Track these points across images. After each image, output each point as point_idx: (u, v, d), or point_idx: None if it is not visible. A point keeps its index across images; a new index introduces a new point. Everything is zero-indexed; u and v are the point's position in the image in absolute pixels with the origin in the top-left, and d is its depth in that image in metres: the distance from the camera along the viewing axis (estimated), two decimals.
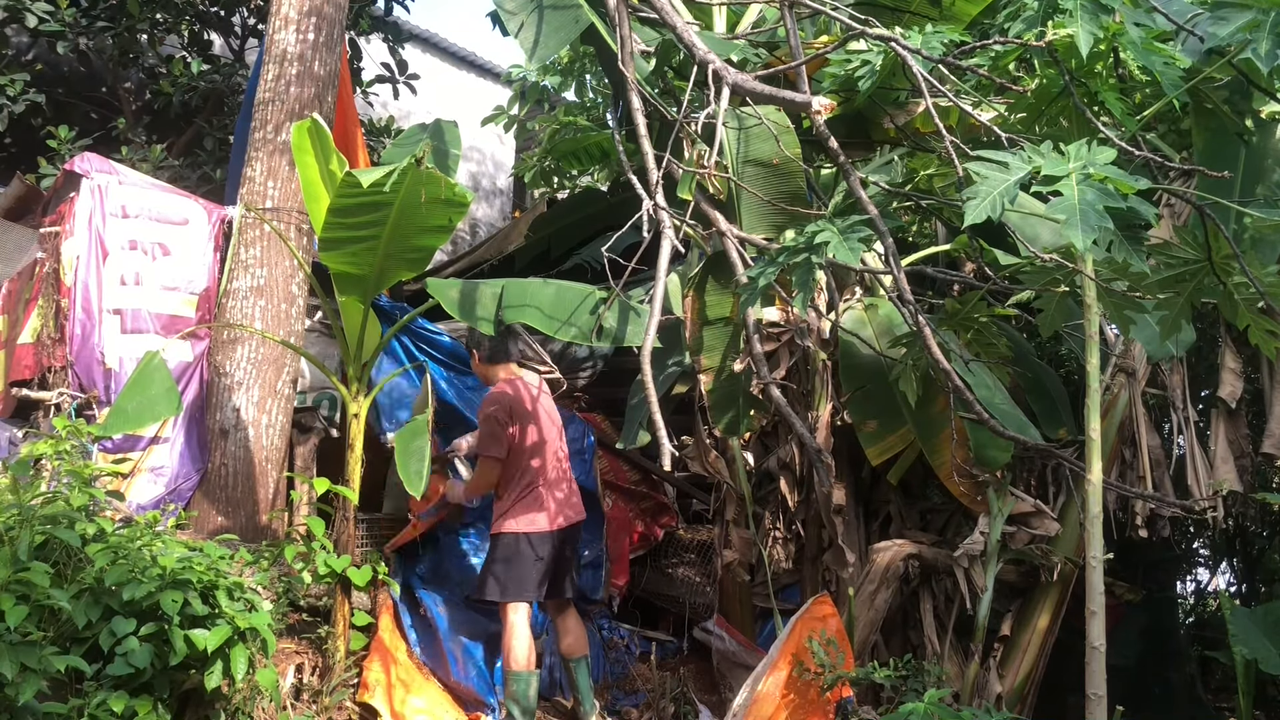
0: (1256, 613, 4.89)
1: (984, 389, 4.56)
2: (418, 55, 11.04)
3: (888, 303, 4.78)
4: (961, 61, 3.57)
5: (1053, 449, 4.28)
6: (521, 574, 4.32)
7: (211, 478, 4.74)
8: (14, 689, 2.83)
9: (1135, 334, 4.65)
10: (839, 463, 4.89)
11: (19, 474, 3.50)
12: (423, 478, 3.73)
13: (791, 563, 5.04)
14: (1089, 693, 3.60)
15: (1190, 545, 7.16)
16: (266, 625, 3.40)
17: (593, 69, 8.86)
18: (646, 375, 3.26)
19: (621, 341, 4.38)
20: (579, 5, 4.34)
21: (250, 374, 4.80)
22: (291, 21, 5.01)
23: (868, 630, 4.68)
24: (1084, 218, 2.65)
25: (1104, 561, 3.72)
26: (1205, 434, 5.33)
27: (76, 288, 4.71)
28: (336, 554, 4.13)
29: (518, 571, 4.32)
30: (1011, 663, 4.83)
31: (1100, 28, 3.02)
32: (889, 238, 3.40)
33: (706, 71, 3.73)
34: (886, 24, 3.97)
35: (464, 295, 4.41)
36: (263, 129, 4.97)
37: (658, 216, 3.58)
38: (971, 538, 4.59)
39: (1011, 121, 3.71)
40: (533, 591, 4.33)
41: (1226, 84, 3.56)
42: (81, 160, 4.89)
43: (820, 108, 3.45)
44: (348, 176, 3.53)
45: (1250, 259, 3.23)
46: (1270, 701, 5.74)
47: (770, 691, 3.97)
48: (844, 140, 4.15)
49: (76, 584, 3.25)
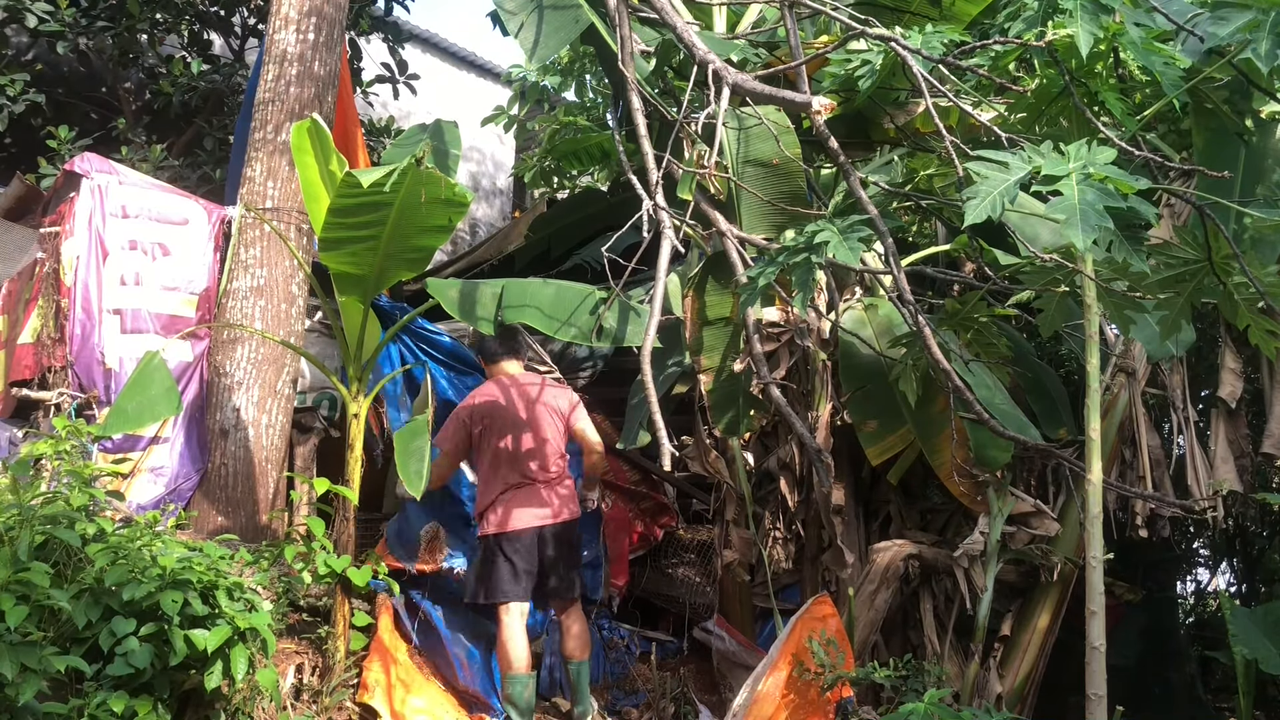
0: (1256, 613, 4.89)
1: (984, 389, 4.55)
2: (418, 55, 11.04)
3: (888, 303, 4.77)
4: (961, 61, 3.57)
5: (1053, 449, 4.28)
6: (494, 575, 4.33)
7: (211, 478, 4.74)
8: (14, 689, 2.83)
9: (1135, 334, 4.64)
10: (839, 463, 4.89)
11: (19, 474, 3.50)
12: (422, 478, 3.73)
13: (791, 563, 5.03)
14: (1089, 693, 3.60)
15: (1190, 545, 7.15)
16: (266, 625, 3.40)
17: (593, 69, 8.87)
18: (646, 375, 3.27)
19: (621, 341, 4.39)
20: (579, 5, 4.34)
21: (250, 374, 4.80)
22: (291, 21, 5.01)
23: (868, 630, 4.67)
24: (1084, 218, 2.65)
25: (1104, 561, 3.71)
26: (1205, 434, 5.33)
27: (76, 288, 4.71)
28: (336, 554, 4.13)
29: (490, 573, 4.34)
30: (1011, 663, 4.83)
31: (1100, 28, 3.02)
32: (889, 238, 3.40)
33: (706, 71, 3.73)
34: (886, 24, 3.97)
35: (464, 295, 4.42)
36: (263, 129, 4.97)
37: (658, 216, 3.58)
38: (971, 538, 4.59)
39: (1011, 121, 3.71)
40: (508, 593, 4.32)
41: (1226, 84, 3.56)
42: (81, 160, 4.89)
43: (820, 108, 3.46)
44: (348, 176, 3.53)
45: (1250, 259, 3.24)
46: (1270, 701, 5.74)
47: (770, 691, 3.97)
48: (844, 140, 4.14)
49: (76, 584, 3.25)
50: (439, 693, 4.38)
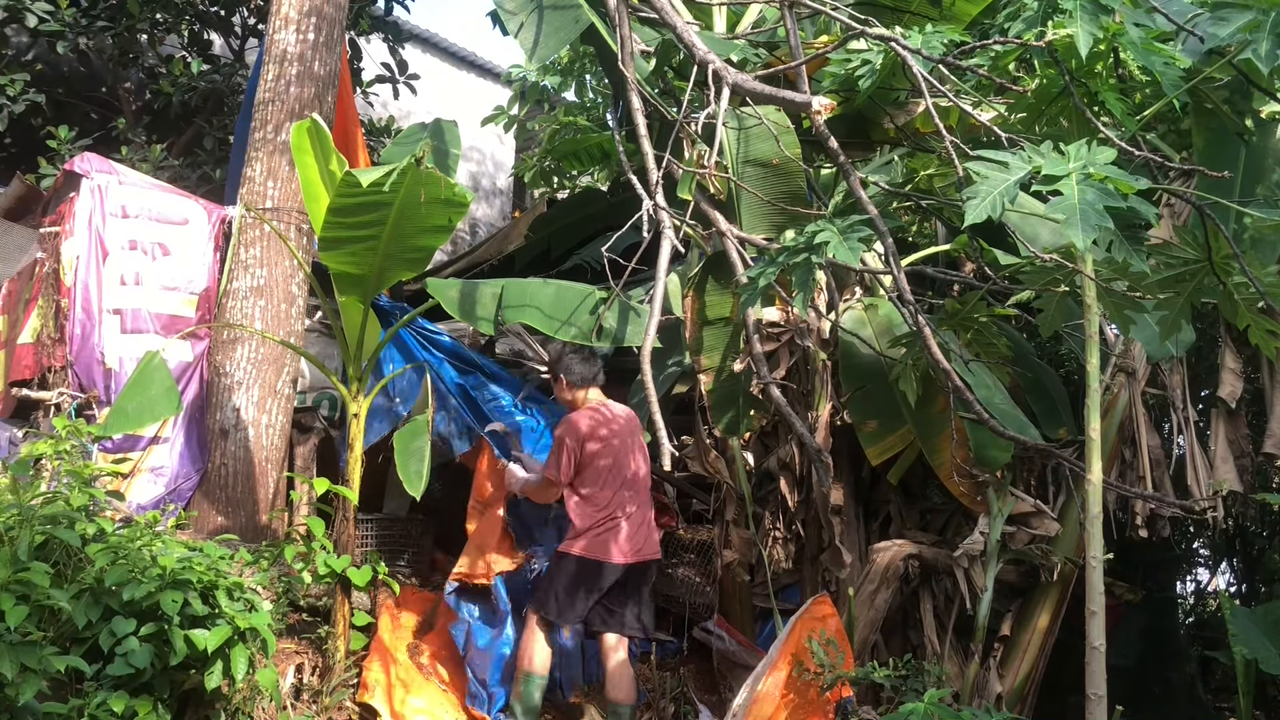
0: (1256, 613, 4.89)
1: (984, 389, 4.55)
2: (418, 55, 11.05)
3: (888, 303, 4.77)
4: (961, 61, 3.57)
5: (1053, 449, 4.28)
6: (565, 595, 4.26)
7: (211, 478, 4.74)
8: (14, 689, 2.83)
9: (1135, 334, 4.64)
10: (839, 463, 4.89)
11: (19, 474, 3.50)
12: (422, 478, 3.73)
13: (791, 563, 5.03)
14: (1089, 693, 3.60)
15: (1190, 545, 7.16)
16: (266, 625, 3.40)
17: (593, 69, 8.87)
18: (646, 375, 3.27)
19: (621, 341, 4.39)
20: (579, 5, 4.34)
21: (250, 374, 4.80)
22: (291, 21, 5.01)
23: (868, 630, 4.67)
24: (1084, 217, 2.65)
25: (1104, 561, 3.71)
26: (1205, 434, 5.33)
27: (76, 288, 4.71)
28: (336, 554, 4.13)
29: (562, 591, 4.27)
30: (1011, 663, 4.83)
31: (1100, 28, 3.02)
32: (889, 238, 3.40)
33: (706, 71, 3.74)
34: (886, 24, 3.97)
35: (464, 295, 4.42)
36: (263, 129, 4.97)
37: (658, 216, 3.58)
38: (971, 538, 4.59)
39: (1011, 121, 3.71)
40: (569, 616, 4.28)
41: (1226, 84, 3.56)
42: (81, 160, 4.89)
43: (820, 108, 3.46)
44: (347, 176, 3.53)
45: (1250, 259, 3.23)
46: (1270, 701, 5.74)
47: (770, 691, 3.97)
48: (844, 140, 4.15)
49: (76, 584, 3.25)
50: (438, 692, 4.38)
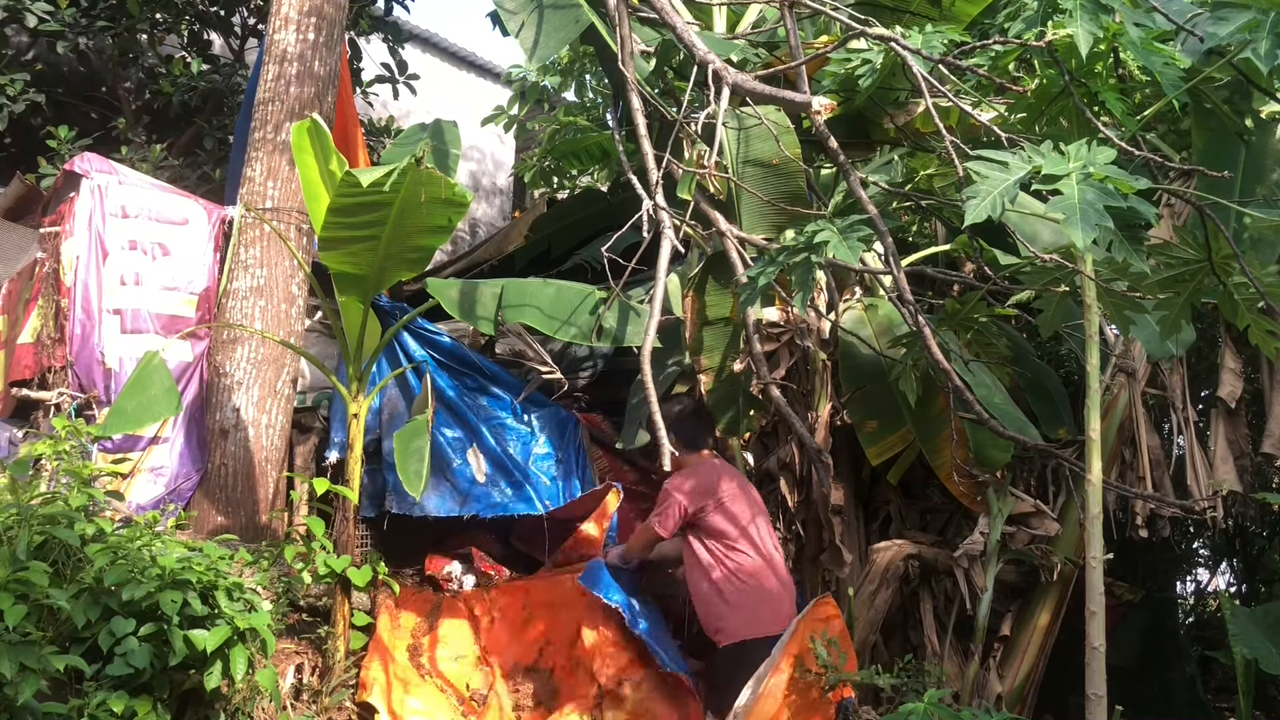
0: (1256, 613, 4.89)
1: (984, 389, 4.56)
2: (418, 55, 11.04)
3: (888, 303, 4.77)
4: (961, 61, 3.57)
5: (1053, 449, 4.28)
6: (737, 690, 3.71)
7: (211, 478, 4.73)
8: (13, 689, 2.83)
9: (1135, 334, 4.64)
10: (839, 463, 4.89)
11: (19, 474, 3.50)
12: (422, 478, 3.73)
13: (791, 563, 5.03)
14: (1089, 693, 3.60)
15: (1190, 545, 7.16)
16: (266, 625, 3.40)
17: (593, 69, 8.88)
18: (646, 375, 3.27)
19: (621, 341, 4.39)
20: (579, 5, 4.34)
21: (250, 374, 4.79)
22: (291, 21, 5.01)
23: (868, 630, 4.67)
24: (1084, 217, 2.65)
25: (1104, 561, 3.72)
26: (1205, 434, 5.33)
27: (76, 288, 4.71)
28: (336, 554, 4.13)
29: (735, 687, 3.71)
30: (1011, 663, 4.83)
31: (1100, 28, 3.02)
32: (889, 238, 3.40)
33: (706, 71, 3.74)
34: (886, 24, 3.97)
35: (464, 295, 4.42)
36: (263, 129, 4.96)
37: (658, 216, 3.58)
38: (971, 538, 4.59)
39: (1011, 121, 3.71)
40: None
41: (1226, 84, 3.56)
42: (81, 160, 4.89)
43: (820, 108, 3.46)
44: (347, 176, 3.53)
45: (1250, 259, 3.24)
46: (1270, 701, 5.74)
47: (772, 691, 3.96)
48: (844, 140, 4.15)
49: (76, 584, 3.25)
50: (436, 692, 4.38)
